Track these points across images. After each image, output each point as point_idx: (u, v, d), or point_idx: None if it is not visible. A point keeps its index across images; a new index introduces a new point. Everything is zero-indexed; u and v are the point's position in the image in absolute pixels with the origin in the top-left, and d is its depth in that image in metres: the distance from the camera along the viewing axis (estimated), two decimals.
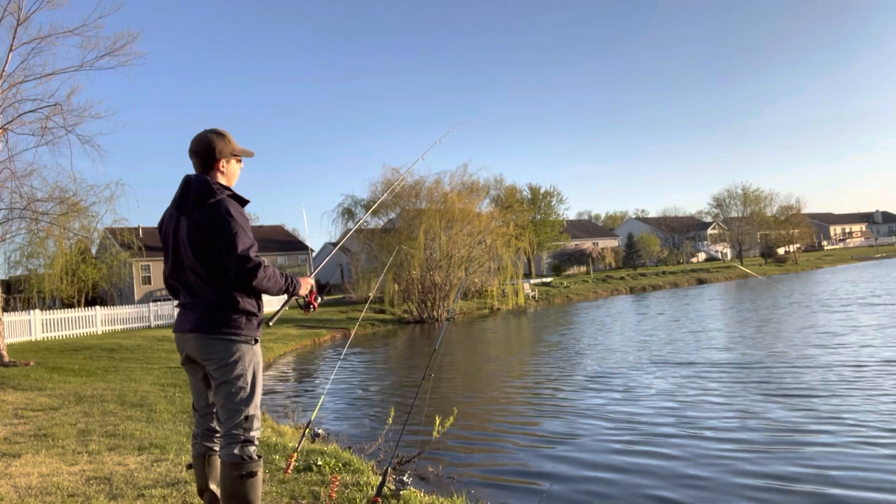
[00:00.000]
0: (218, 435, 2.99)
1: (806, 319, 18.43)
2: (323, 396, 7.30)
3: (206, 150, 2.99)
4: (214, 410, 2.99)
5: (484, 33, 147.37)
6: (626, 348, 15.49)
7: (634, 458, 6.86)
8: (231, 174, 3.10)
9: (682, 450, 6.93)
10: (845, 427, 7.27)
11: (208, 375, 2.95)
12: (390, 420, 7.22)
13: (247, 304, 2.91)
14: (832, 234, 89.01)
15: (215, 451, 3.03)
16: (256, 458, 2.87)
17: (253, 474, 2.82)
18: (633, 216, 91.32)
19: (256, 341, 2.98)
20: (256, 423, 2.92)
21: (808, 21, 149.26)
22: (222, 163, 3.03)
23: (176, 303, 3.09)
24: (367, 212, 33.01)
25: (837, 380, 9.80)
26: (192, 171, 3.07)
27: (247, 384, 2.88)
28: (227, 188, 3.00)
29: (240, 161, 3.16)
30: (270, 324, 3.31)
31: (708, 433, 7.49)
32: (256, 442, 2.92)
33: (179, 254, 2.94)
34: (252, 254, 2.83)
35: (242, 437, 2.85)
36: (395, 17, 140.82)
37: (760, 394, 9.21)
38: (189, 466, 3.35)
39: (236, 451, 2.82)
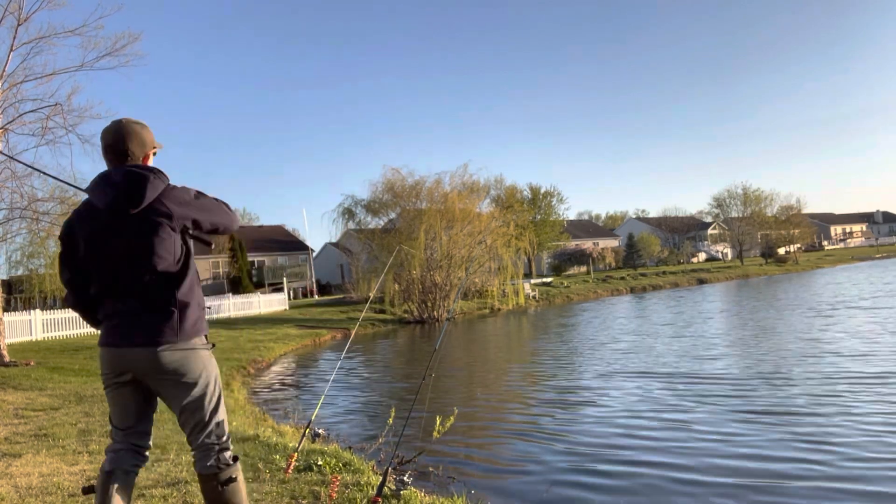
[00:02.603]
0: (146, 451, 2.78)
1: (797, 324, 18.41)
2: (323, 396, 7.29)
3: (143, 142, 2.72)
4: (145, 428, 2.76)
5: (484, 33, 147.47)
6: (616, 354, 15.50)
7: (624, 464, 6.86)
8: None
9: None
10: (830, 455, 6.47)
11: (157, 392, 2.70)
12: (391, 420, 7.22)
13: (200, 299, 2.74)
14: (833, 234, 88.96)
15: (137, 470, 2.73)
16: (233, 461, 2.78)
17: (234, 479, 2.74)
18: (634, 216, 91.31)
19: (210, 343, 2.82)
20: (226, 426, 2.81)
21: (808, 20, 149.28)
22: (150, 156, 2.80)
23: (103, 313, 2.70)
24: (366, 212, 33.04)
25: (821, 395, 8.98)
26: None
27: (215, 389, 2.75)
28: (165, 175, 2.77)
29: (155, 154, 2.90)
30: None
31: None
32: (231, 445, 2.83)
33: (126, 255, 2.59)
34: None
35: (218, 446, 2.74)
36: (396, 17, 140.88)
37: (739, 411, 8.47)
38: (88, 490, 2.76)
39: (212, 461, 2.71)
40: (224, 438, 2.77)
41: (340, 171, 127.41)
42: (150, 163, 2.79)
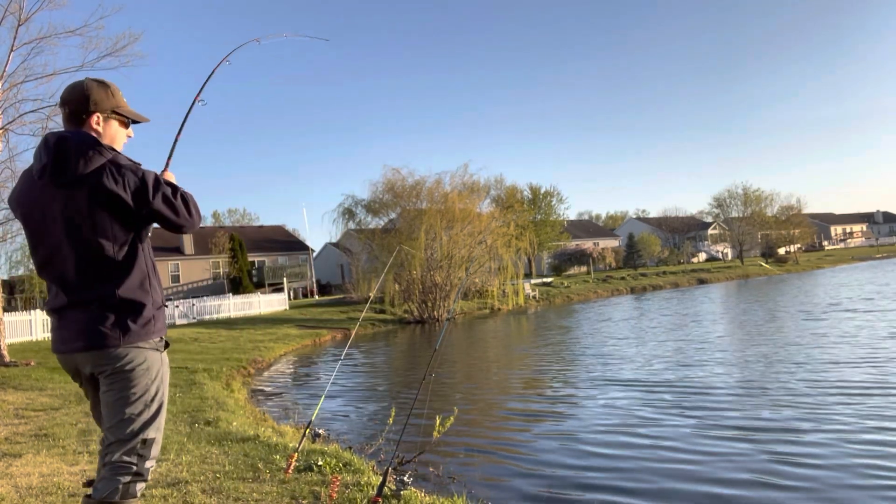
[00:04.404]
0: None
1: (790, 328, 18.34)
2: (323, 396, 7.29)
3: (79, 99, 2.32)
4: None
5: (484, 33, 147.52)
6: (613, 359, 15.49)
7: (619, 470, 6.85)
8: (110, 136, 2.39)
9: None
10: (812, 470, 6.16)
11: (101, 387, 2.34)
12: (391, 420, 7.23)
13: (156, 295, 2.35)
14: (833, 234, 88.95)
15: None
16: (139, 496, 2.26)
17: None
18: (634, 216, 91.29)
19: (166, 344, 2.42)
20: (155, 450, 2.33)
21: (808, 19, 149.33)
22: (97, 118, 2.34)
23: (50, 307, 2.36)
24: (367, 212, 33.04)
25: (806, 408, 8.48)
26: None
27: (154, 401, 2.33)
28: (112, 149, 2.34)
29: (126, 125, 2.47)
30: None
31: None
32: (149, 479, 2.34)
33: (60, 236, 2.26)
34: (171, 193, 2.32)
35: (134, 470, 2.24)
36: (395, 16, 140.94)
37: (727, 427, 7.95)
38: (88, 483, 2.50)
39: (118, 487, 2.20)
40: (146, 464, 2.28)
41: (340, 171, 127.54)
42: (110, 128, 2.39)
